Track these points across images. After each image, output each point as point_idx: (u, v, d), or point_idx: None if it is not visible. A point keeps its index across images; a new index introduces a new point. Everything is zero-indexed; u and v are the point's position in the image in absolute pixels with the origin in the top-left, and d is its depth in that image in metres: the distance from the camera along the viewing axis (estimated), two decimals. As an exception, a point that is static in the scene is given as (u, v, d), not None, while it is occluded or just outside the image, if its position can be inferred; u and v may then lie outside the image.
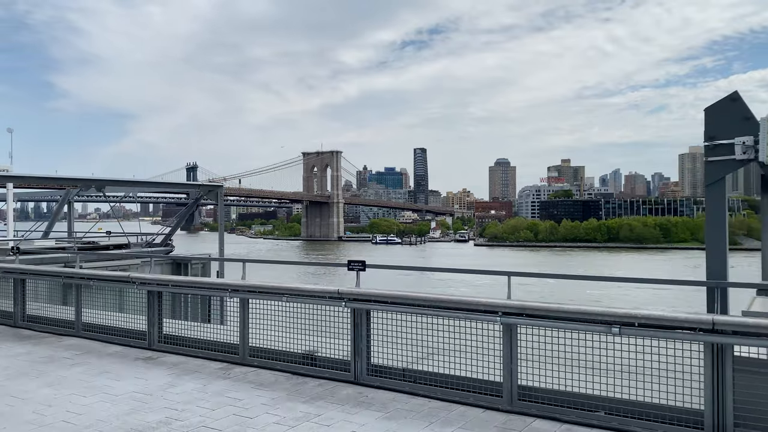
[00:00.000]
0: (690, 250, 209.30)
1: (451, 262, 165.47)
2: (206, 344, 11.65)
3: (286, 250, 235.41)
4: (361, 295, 9.69)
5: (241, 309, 11.14)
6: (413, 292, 9.21)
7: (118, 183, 22.67)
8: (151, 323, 12.33)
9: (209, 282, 12.05)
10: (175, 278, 12.39)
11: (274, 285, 10.74)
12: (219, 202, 22.82)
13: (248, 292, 11.05)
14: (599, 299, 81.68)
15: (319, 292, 10.19)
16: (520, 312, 8.22)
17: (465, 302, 8.73)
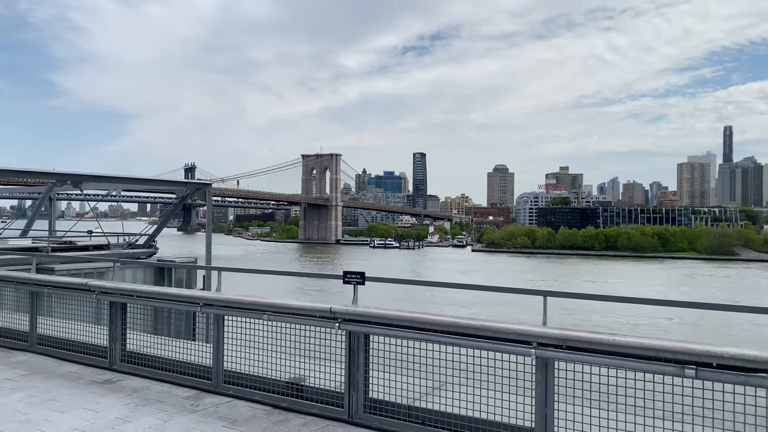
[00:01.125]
0: (687, 260, 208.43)
1: (449, 267, 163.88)
2: (175, 365, 9.87)
3: (283, 252, 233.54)
4: (359, 315, 7.96)
5: (216, 327, 9.39)
6: (423, 314, 7.46)
7: (96, 179, 20.81)
8: (113, 339, 10.56)
9: (177, 294, 10.25)
10: (140, 288, 10.53)
11: (255, 300, 9.02)
12: (207, 201, 21.08)
13: (224, 307, 9.32)
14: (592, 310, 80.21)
15: (308, 311, 8.49)
16: (561, 343, 6.50)
17: (489, 328, 6.95)
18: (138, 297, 10.44)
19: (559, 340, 6.41)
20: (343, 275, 8.61)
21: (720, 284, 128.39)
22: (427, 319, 7.33)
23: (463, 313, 74.64)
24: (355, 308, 8.10)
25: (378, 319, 7.79)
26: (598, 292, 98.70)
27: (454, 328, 7.13)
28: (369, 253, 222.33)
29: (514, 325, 6.74)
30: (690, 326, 68.10)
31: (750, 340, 54.44)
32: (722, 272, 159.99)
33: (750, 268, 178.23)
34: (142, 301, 10.50)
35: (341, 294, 8.94)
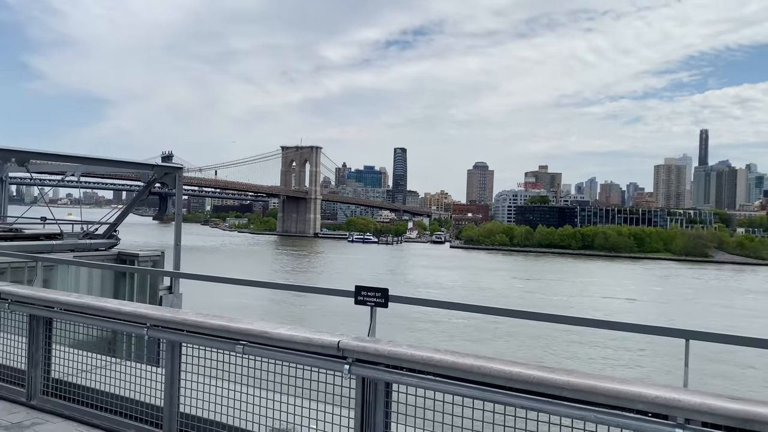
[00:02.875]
0: (662, 261, 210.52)
1: (428, 263, 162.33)
2: (114, 403, 7.19)
3: (260, 244, 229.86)
4: (381, 355, 5.40)
5: (170, 357, 6.78)
6: (488, 360, 4.80)
7: (47, 157, 17.87)
8: (33, 364, 7.84)
9: (115, 310, 7.45)
10: (66, 299, 7.84)
11: (225, 324, 6.41)
12: (177, 187, 18.40)
13: (181, 331, 6.69)
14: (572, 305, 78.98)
15: (303, 344, 5.95)
16: (724, 423, 3.94)
17: (600, 390, 4.27)
18: (65, 311, 7.73)
19: (722, 416, 3.81)
20: (355, 292, 6.39)
21: (691, 285, 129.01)
22: (498, 370, 4.63)
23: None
24: (375, 344, 5.51)
25: (409, 361, 5.19)
26: (592, 303, 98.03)
27: (538, 382, 4.46)
28: (347, 248, 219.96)
29: (640, 388, 4.09)
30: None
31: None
32: (695, 273, 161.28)
33: (722, 270, 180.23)
34: (68, 317, 7.80)
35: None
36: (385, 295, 6.31)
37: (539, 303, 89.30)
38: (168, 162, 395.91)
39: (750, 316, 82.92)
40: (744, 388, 39.52)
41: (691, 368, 4.44)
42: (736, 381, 43.71)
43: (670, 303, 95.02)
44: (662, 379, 6.39)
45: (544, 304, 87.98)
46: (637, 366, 49.64)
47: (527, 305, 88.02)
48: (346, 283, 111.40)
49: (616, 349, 56.88)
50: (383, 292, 6.33)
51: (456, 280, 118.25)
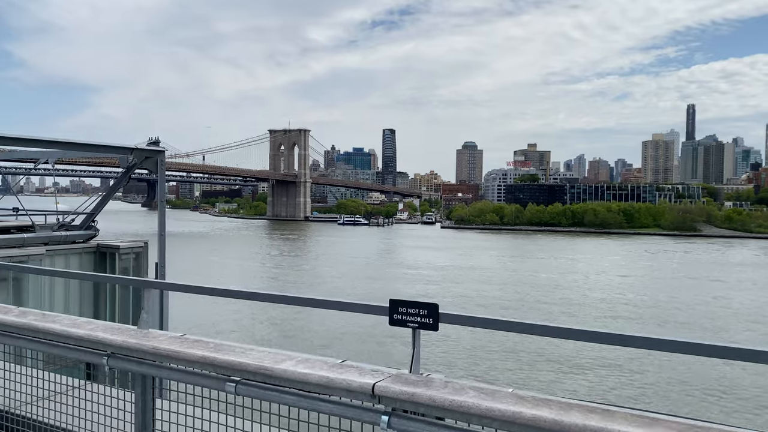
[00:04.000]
0: (652, 236, 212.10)
1: (419, 244, 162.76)
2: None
3: (250, 229, 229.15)
4: (437, 406, 3.86)
5: (140, 389, 5.38)
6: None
7: (15, 141, 15.99)
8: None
9: (63, 333, 5.73)
10: (2, 317, 6.18)
11: (209, 357, 4.84)
12: (159, 172, 17.62)
13: (149, 363, 5.25)
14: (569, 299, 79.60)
15: (321, 385, 4.36)
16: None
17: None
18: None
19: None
20: (390, 308, 4.89)
21: (680, 260, 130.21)
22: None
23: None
24: (428, 390, 3.98)
25: (488, 418, 3.61)
26: (568, 276, 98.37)
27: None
28: (338, 231, 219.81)
29: None
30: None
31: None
32: (684, 248, 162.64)
33: (711, 243, 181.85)
34: (4, 339, 6.23)
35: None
36: (434, 313, 4.71)
37: (530, 281, 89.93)
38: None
39: (738, 288, 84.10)
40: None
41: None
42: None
43: (659, 279, 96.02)
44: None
45: (535, 282, 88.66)
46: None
47: (518, 282, 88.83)
48: (338, 266, 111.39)
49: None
50: (431, 309, 4.73)
51: (447, 261, 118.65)
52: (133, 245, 17.37)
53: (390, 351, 43.59)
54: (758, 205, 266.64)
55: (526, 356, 45.63)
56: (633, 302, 72.17)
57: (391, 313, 4.89)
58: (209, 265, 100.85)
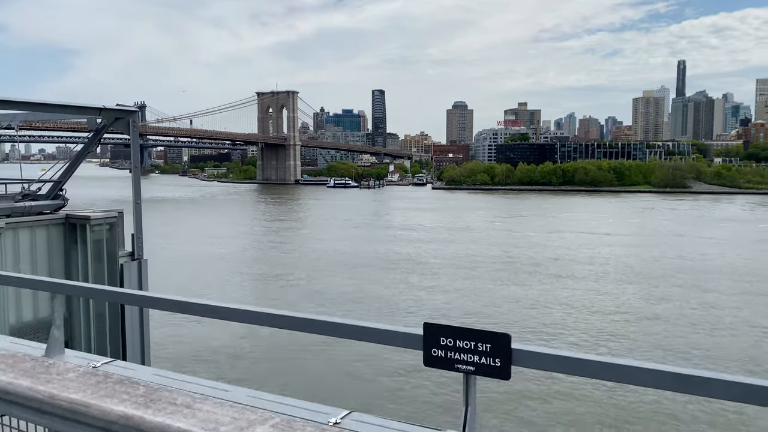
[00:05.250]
0: (642, 194, 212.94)
1: (410, 206, 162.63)
2: None
3: (240, 193, 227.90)
4: None
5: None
6: None
7: None
8: None
9: None
10: None
11: (132, 415, 3.12)
12: (132, 134, 16.44)
13: (46, 415, 3.42)
14: (558, 256, 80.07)
15: None
16: None
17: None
18: None
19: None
20: (425, 337, 3.58)
21: (669, 217, 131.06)
22: None
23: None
24: None
25: None
26: (554, 236, 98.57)
27: None
28: (329, 194, 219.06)
29: None
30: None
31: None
32: (673, 205, 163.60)
33: (699, 200, 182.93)
34: None
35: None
36: (503, 349, 3.37)
37: (520, 241, 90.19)
38: (141, 112, 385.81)
39: (723, 245, 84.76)
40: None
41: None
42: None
43: (647, 236, 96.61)
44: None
45: (525, 242, 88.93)
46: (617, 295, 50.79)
47: (508, 242, 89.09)
48: (328, 229, 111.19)
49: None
50: (497, 343, 3.39)
51: (438, 222, 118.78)
52: (106, 215, 15.97)
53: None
54: (747, 160, 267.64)
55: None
56: (621, 260, 72.78)
57: (428, 345, 3.39)
58: (197, 232, 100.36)
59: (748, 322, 43.43)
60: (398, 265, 68.32)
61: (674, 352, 36.85)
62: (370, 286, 57.91)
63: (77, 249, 15.09)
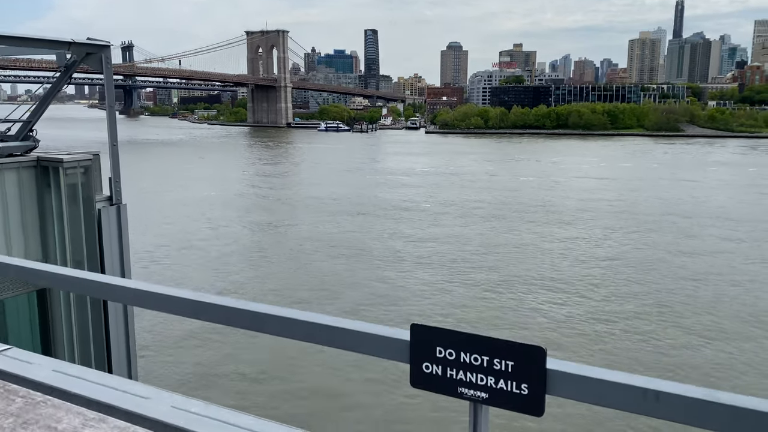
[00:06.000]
0: (635, 137, 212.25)
1: (402, 150, 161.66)
2: None
3: (231, 136, 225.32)
4: None
5: None
6: None
7: None
8: None
9: None
10: None
11: None
12: (105, 71, 15.38)
13: None
14: (549, 198, 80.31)
15: None
16: None
17: None
18: None
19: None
20: (412, 347, 2.61)
21: (660, 161, 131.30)
22: None
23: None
24: None
25: None
26: (540, 170, 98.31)
27: None
28: (320, 138, 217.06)
29: None
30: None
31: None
32: (665, 148, 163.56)
33: (692, 144, 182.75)
34: None
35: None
36: (536, 376, 2.42)
37: (512, 185, 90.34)
38: (129, 53, 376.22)
39: (710, 188, 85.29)
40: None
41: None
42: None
43: (637, 179, 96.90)
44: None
45: (517, 186, 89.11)
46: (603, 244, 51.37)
47: (500, 186, 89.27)
48: (318, 173, 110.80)
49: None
50: (525, 357, 2.43)
51: (429, 167, 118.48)
52: (80, 158, 15.09)
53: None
54: (741, 104, 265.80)
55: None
56: (611, 203, 73.32)
57: (417, 357, 2.51)
58: (186, 175, 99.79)
59: (727, 267, 44.28)
60: (387, 211, 68.52)
61: (652, 298, 37.68)
62: (356, 233, 58.23)
63: (51, 193, 14.69)
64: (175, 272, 42.31)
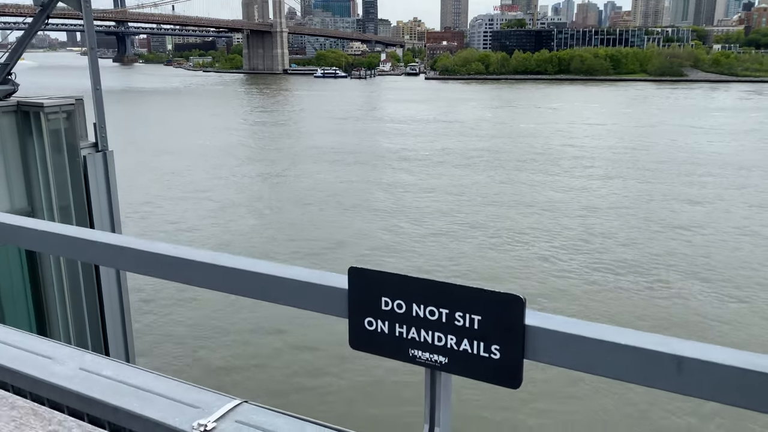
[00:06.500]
0: (638, 82, 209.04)
1: (401, 97, 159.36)
2: None
3: (226, 84, 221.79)
4: None
5: None
6: None
7: None
8: None
9: None
10: None
11: None
12: (85, 12, 14.73)
13: None
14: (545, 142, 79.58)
15: None
16: None
17: None
18: None
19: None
20: (350, 295, 2.00)
21: (662, 106, 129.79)
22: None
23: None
24: None
25: None
26: (539, 117, 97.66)
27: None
28: (317, 85, 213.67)
29: None
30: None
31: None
32: (667, 93, 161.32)
33: (695, 89, 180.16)
34: None
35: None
36: (512, 334, 1.79)
37: (511, 133, 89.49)
38: (122, 2, 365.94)
39: (710, 134, 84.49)
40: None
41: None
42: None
43: (637, 126, 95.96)
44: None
45: (516, 134, 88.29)
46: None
47: (499, 134, 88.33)
48: (314, 122, 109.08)
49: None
50: (498, 309, 1.80)
51: (429, 114, 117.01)
52: (62, 102, 14.61)
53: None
54: (747, 47, 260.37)
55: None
56: (610, 149, 72.81)
57: (356, 311, 2.00)
58: (181, 124, 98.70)
59: (724, 215, 44.25)
60: (383, 160, 67.98)
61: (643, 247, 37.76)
62: (354, 183, 57.93)
63: (33, 140, 14.31)
64: (171, 221, 42.24)
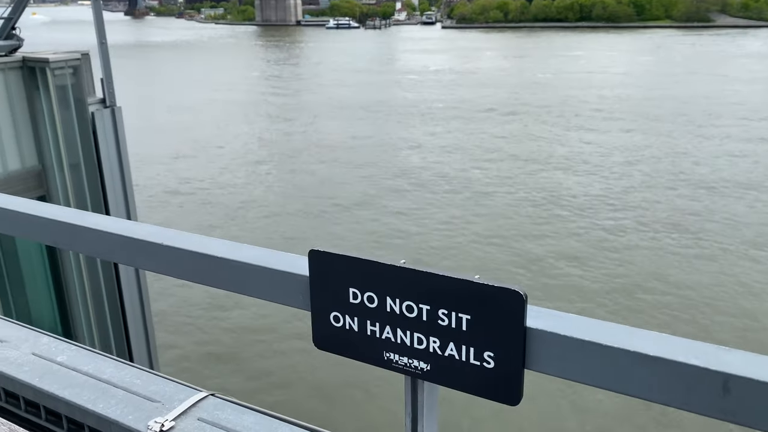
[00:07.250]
0: (662, 29, 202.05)
1: (416, 47, 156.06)
2: None
3: (238, 37, 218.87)
4: None
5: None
6: None
7: None
8: None
9: None
10: None
11: None
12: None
13: None
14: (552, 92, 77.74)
15: None
16: None
17: None
18: None
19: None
20: (312, 285, 1.62)
21: (684, 53, 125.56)
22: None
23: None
24: None
25: None
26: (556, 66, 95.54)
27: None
28: (330, 36, 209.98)
29: None
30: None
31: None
32: (692, 40, 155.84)
33: (721, 35, 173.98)
34: None
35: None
36: (510, 338, 1.38)
37: (529, 82, 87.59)
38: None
39: (736, 82, 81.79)
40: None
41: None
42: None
43: (659, 74, 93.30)
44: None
45: (533, 83, 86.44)
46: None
47: (516, 84, 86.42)
48: (325, 74, 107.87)
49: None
50: (493, 307, 1.38)
51: (445, 65, 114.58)
52: (68, 57, 14.17)
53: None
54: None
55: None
56: (630, 99, 71.11)
57: (320, 306, 1.61)
58: (192, 79, 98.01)
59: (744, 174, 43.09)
60: (395, 113, 66.98)
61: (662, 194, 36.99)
62: (368, 139, 57.34)
63: (40, 96, 14.09)
64: (185, 178, 42.21)
